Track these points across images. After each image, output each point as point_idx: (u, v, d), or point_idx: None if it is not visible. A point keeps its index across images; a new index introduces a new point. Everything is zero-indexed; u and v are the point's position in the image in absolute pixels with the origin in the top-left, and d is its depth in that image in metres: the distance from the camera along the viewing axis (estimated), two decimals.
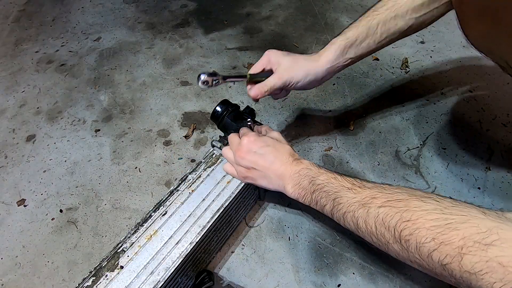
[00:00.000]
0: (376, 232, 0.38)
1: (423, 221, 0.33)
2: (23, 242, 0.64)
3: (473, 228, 0.30)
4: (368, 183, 0.42)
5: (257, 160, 0.51)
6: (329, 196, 0.44)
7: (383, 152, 0.73)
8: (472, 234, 0.29)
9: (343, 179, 0.44)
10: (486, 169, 0.68)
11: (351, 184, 0.43)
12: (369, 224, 0.38)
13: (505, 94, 0.81)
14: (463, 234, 0.30)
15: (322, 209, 0.46)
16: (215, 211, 0.53)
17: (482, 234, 0.29)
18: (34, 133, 0.83)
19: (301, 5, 1.14)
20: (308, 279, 0.56)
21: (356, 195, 0.41)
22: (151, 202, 0.67)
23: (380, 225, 0.37)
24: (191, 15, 1.16)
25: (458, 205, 0.33)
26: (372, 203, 0.39)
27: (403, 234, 0.34)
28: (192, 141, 0.78)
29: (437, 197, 0.35)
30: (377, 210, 0.37)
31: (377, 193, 0.39)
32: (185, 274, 0.51)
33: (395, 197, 0.37)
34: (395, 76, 0.88)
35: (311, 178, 0.47)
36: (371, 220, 0.38)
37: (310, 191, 0.47)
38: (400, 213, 0.35)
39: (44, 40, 1.11)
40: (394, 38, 0.57)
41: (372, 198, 0.39)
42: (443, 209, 0.33)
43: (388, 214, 0.36)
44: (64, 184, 0.72)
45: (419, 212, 0.34)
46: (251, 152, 0.51)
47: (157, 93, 0.90)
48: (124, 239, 0.50)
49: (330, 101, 0.84)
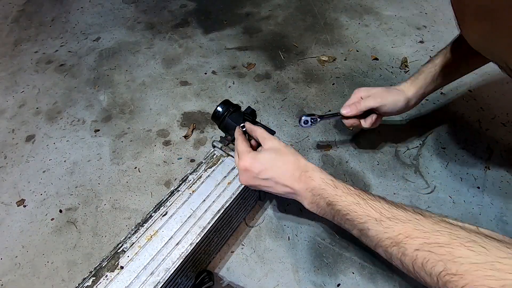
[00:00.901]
0: (414, 272, 0.34)
1: (473, 278, 0.29)
2: (22, 242, 0.64)
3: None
4: (398, 211, 0.37)
5: (260, 184, 0.48)
6: (353, 225, 0.40)
7: (382, 151, 0.73)
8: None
9: (367, 205, 0.39)
10: (485, 169, 0.68)
11: (379, 213, 0.38)
12: (405, 264, 0.35)
13: (504, 94, 0.81)
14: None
15: (348, 230, 0.43)
16: (215, 212, 0.53)
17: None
18: (33, 133, 0.83)
19: (301, 5, 1.14)
20: (307, 279, 0.56)
21: (387, 230, 0.36)
22: (150, 202, 0.68)
23: (420, 269, 0.33)
24: (190, 15, 1.15)
25: (510, 255, 0.29)
26: (407, 244, 0.34)
27: (449, 286, 0.31)
28: (191, 141, 0.78)
29: (483, 240, 0.31)
30: (415, 253, 0.33)
31: (413, 230, 0.34)
32: (185, 274, 0.51)
33: (435, 239, 0.33)
34: (394, 76, 0.88)
35: (328, 201, 0.42)
36: (407, 261, 0.34)
37: (330, 214, 0.43)
38: (443, 263, 0.31)
39: (44, 40, 1.11)
40: (466, 72, 0.64)
41: (407, 237, 0.34)
42: (495, 264, 0.29)
43: (429, 260, 0.32)
44: (63, 184, 0.72)
45: (466, 266, 0.30)
46: (251, 178, 0.48)
47: (157, 93, 0.90)
48: (124, 239, 0.50)
49: (330, 100, 0.84)
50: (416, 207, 0.38)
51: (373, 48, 0.96)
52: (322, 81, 0.89)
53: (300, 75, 0.90)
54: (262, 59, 0.96)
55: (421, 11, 1.07)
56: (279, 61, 0.95)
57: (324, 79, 0.89)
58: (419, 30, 1.00)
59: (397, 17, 1.05)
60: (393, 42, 0.97)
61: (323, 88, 0.87)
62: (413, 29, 1.00)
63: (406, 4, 1.09)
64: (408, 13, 1.06)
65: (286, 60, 0.95)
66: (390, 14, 1.06)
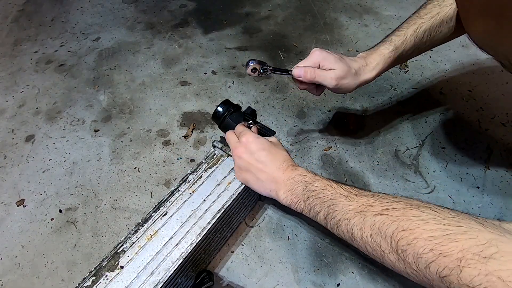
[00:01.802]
0: (371, 241, 0.37)
1: (421, 231, 0.32)
2: (22, 242, 0.64)
3: (472, 240, 0.29)
4: (365, 191, 0.41)
5: (252, 162, 0.51)
6: (323, 203, 0.43)
7: (382, 151, 0.73)
8: (471, 246, 0.29)
9: (339, 186, 0.43)
10: (485, 169, 0.68)
11: (347, 191, 0.42)
12: (365, 233, 0.37)
13: (504, 94, 0.81)
14: (462, 246, 0.29)
15: (316, 217, 0.45)
16: (215, 212, 0.53)
17: (481, 247, 0.28)
18: (33, 133, 0.83)
19: (300, 5, 1.14)
20: (307, 279, 0.56)
21: (352, 203, 0.40)
22: (150, 202, 0.68)
23: (376, 234, 0.36)
24: (190, 15, 1.15)
25: (456, 216, 0.32)
26: (368, 211, 0.38)
27: (400, 244, 0.33)
28: (191, 141, 0.78)
29: (435, 207, 0.34)
30: (374, 218, 0.37)
31: (374, 201, 0.38)
32: (185, 274, 0.51)
33: (392, 205, 0.36)
34: (394, 76, 0.88)
35: (306, 184, 0.46)
36: (366, 229, 0.37)
37: (304, 198, 0.46)
38: (397, 222, 0.34)
39: (43, 40, 1.11)
40: (435, 45, 0.58)
41: (369, 206, 0.38)
42: (442, 220, 0.32)
43: (385, 223, 0.35)
44: (63, 184, 0.72)
45: (417, 222, 0.33)
46: (247, 153, 0.51)
47: (157, 93, 0.90)
48: (124, 239, 0.50)
49: (330, 100, 0.84)
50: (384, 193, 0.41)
51: None
52: None
53: None
54: (262, 58, 0.96)
55: None
56: (279, 61, 0.95)
57: None
58: None
59: (397, 17, 1.05)
60: None
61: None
62: None
63: (406, 4, 1.09)
64: (408, 13, 1.05)
65: (286, 60, 0.96)
66: (390, 14, 1.07)
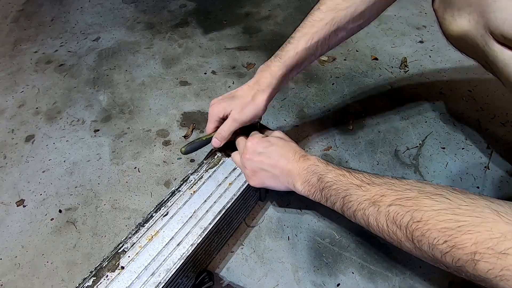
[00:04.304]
0: (388, 230, 0.37)
1: (434, 222, 0.32)
2: (22, 242, 0.64)
3: (486, 233, 0.28)
4: (377, 179, 0.41)
5: (263, 160, 0.51)
6: (338, 194, 0.43)
7: (382, 151, 0.73)
8: (485, 240, 0.28)
9: (351, 175, 0.43)
10: (485, 169, 0.68)
11: (360, 181, 0.42)
12: (380, 222, 0.38)
13: (504, 94, 0.81)
14: (475, 239, 0.29)
15: (333, 206, 0.45)
16: (216, 213, 0.53)
17: (495, 240, 0.28)
18: (33, 133, 0.83)
19: (300, 5, 1.14)
20: (307, 279, 0.56)
21: (366, 193, 0.40)
22: (150, 202, 0.67)
23: (392, 223, 0.36)
24: (190, 15, 1.15)
25: (471, 204, 0.31)
26: (381, 201, 0.38)
27: (415, 235, 0.33)
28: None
29: (449, 194, 0.33)
30: (387, 208, 0.37)
31: (387, 190, 0.39)
32: (186, 275, 0.51)
33: (405, 195, 0.36)
34: (394, 76, 0.88)
35: (320, 175, 0.46)
36: (382, 219, 0.37)
37: (319, 188, 0.46)
38: (410, 213, 0.34)
39: (43, 40, 1.11)
40: (335, 46, 0.58)
41: (382, 196, 0.38)
42: (455, 209, 0.31)
43: (399, 213, 0.35)
44: (63, 184, 0.72)
45: (430, 213, 0.33)
46: (256, 153, 0.51)
47: (156, 93, 0.90)
48: (125, 239, 0.50)
49: (329, 100, 0.84)
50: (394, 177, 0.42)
51: (372, 48, 0.96)
52: (322, 81, 0.89)
53: (300, 74, 0.90)
54: (262, 59, 0.96)
55: (420, 11, 1.07)
56: None
57: (323, 79, 0.89)
58: (419, 30, 1.00)
59: (396, 17, 1.05)
60: (392, 42, 0.97)
61: (323, 88, 0.87)
62: (413, 29, 1.01)
63: (405, 4, 1.10)
64: (407, 13, 1.06)
65: None
66: (390, 14, 1.07)
